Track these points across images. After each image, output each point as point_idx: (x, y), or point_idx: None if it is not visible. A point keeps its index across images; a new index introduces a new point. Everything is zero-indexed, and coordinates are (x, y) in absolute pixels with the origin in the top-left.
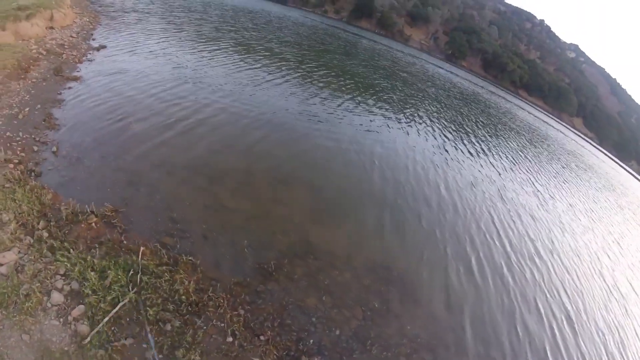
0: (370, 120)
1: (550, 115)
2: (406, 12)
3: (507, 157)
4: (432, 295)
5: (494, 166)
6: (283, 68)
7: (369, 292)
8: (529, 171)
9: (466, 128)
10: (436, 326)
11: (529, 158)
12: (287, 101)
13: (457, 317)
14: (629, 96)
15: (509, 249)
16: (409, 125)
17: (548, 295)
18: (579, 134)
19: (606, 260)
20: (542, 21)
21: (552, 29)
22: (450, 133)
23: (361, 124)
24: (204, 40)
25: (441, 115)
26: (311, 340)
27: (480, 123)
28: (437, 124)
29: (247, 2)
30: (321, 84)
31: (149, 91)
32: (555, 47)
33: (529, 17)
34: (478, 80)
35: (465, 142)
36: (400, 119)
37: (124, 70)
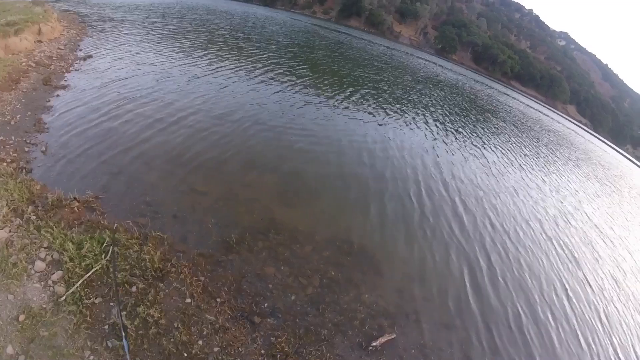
0: (343, 111)
1: (544, 104)
2: (395, 9)
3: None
4: (396, 267)
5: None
6: (260, 67)
7: (328, 263)
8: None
9: (435, 111)
10: (397, 296)
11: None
12: (260, 95)
13: (420, 288)
14: (621, 81)
15: (478, 222)
16: (393, 119)
17: (511, 262)
18: (574, 121)
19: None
20: (530, 10)
21: (541, 18)
22: (427, 122)
23: (331, 115)
24: (185, 44)
25: (409, 99)
26: (266, 304)
27: (454, 105)
28: (412, 113)
29: (234, 6)
30: (301, 81)
31: (131, 94)
32: (545, 36)
33: (518, 7)
34: (469, 72)
35: (437, 126)
36: (377, 112)
37: (108, 77)
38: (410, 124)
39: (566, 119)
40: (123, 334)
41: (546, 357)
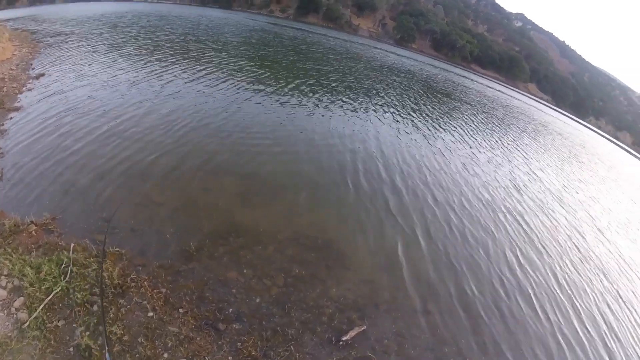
0: (303, 108)
1: (505, 85)
2: (352, 3)
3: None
4: (364, 260)
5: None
6: (209, 68)
7: (292, 262)
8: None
9: (387, 96)
10: (365, 287)
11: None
12: (208, 97)
13: (389, 277)
14: (579, 56)
15: (445, 206)
16: (344, 108)
17: (489, 244)
18: (535, 98)
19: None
20: None
21: (497, 1)
22: (379, 108)
23: (291, 113)
24: (140, 57)
25: (361, 86)
26: (230, 309)
27: (406, 89)
28: (365, 101)
29: (188, 10)
30: (251, 79)
31: (83, 110)
32: (501, 19)
33: None
34: (428, 59)
35: (387, 111)
36: (347, 109)
37: (60, 93)
38: (363, 111)
39: (528, 96)
40: (106, 348)
41: (519, 329)
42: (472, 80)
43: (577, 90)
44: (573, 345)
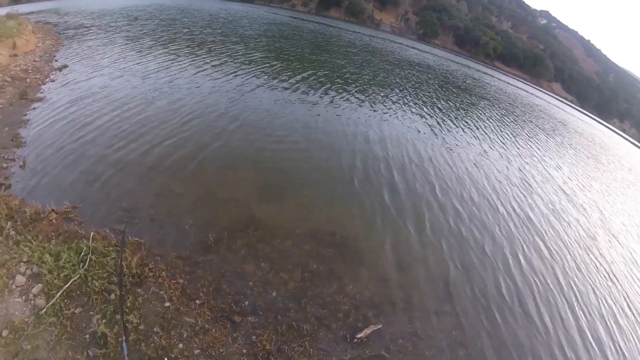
0: (322, 105)
1: (529, 83)
2: None
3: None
4: (380, 256)
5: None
6: (230, 63)
7: (309, 257)
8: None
9: (405, 90)
10: (382, 285)
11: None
12: (238, 93)
13: (407, 275)
14: (605, 56)
15: (470, 206)
16: (377, 109)
17: (506, 245)
18: (559, 98)
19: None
20: None
21: None
22: (406, 107)
23: (312, 109)
24: (158, 48)
25: (385, 82)
26: (246, 302)
27: (425, 84)
28: (394, 102)
29: (209, 3)
30: (277, 76)
31: (105, 101)
32: (526, 16)
33: None
34: (450, 55)
35: (413, 114)
36: (367, 103)
37: (82, 85)
38: (383, 107)
39: (551, 96)
40: (124, 337)
41: (538, 333)
42: (492, 77)
43: (602, 91)
44: (594, 347)
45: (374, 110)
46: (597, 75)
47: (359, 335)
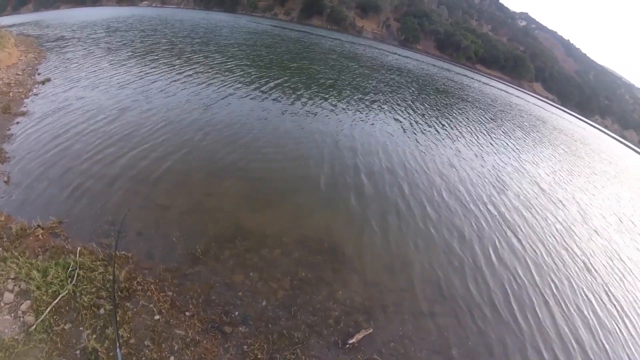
0: (310, 112)
1: (510, 84)
2: (356, 4)
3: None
4: (370, 262)
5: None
6: (221, 76)
7: (298, 264)
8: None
9: (381, 93)
10: (372, 290)
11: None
12: (223, 102)
13: (397, 279)
14: (584, 54)
15: (451, 207)
16: (358, 113)
17: (501, 245)
18: (541, 97)
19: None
20: None
21: (501, 1)
22: (376, 107)
23: (298, 117)
24: (138, 59)
25: (366, 89)
26: (236, 312)
27: (402, 88)
28: (378, 108)
29: (191, 14)
30: (265, 87)
31: (88, 114)
32: (506, 18)
33: None
34: (432, 60)
35: (396, 117)
36: (345, 108)
37: (66, 99)
38: (366, 111)
39: (532, 96)
40: (117, 344)
41: (528, 331)
42: (473, 79)
43: (582, 89)
44: (585, 347)
45: (353, 115)
46: (577, 73)
47: (350, 341)
